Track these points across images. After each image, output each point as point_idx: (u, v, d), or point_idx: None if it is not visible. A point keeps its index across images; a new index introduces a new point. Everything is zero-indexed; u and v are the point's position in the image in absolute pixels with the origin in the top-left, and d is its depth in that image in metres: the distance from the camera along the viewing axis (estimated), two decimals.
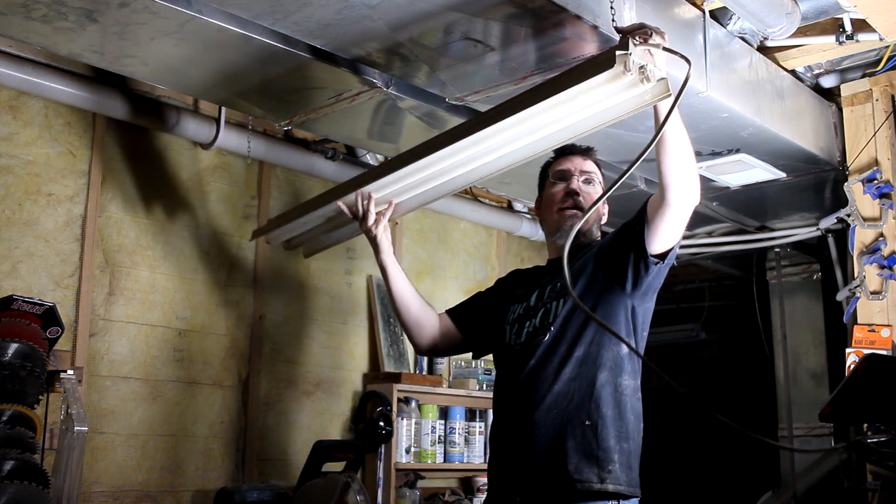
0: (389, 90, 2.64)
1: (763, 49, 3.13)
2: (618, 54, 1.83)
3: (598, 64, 1.90)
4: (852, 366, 3.16)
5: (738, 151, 3.24)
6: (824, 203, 3.90)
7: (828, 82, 3.51)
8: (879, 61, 3.33)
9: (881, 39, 2.99)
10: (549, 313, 2.18)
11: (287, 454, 3.45)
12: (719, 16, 2.88)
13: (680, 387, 1.56)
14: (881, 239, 3.33)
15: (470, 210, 4.21)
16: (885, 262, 3.29)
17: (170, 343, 3.15)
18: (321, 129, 3.08)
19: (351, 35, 2.30)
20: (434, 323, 2.45)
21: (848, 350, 3.27)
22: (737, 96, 2.88)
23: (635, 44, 1.82)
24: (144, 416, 3.05)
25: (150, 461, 3.05)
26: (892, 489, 2.69)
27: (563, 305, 2.16)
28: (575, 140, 2.18)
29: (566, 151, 2.34)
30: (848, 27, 3.04)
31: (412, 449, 3.70)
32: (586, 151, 2.35)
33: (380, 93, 2.65)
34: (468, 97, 2.68)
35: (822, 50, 3.17)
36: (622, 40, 1.86)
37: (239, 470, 3.28)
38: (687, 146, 1.96)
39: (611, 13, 2.18)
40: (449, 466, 3.86)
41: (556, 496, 2.04)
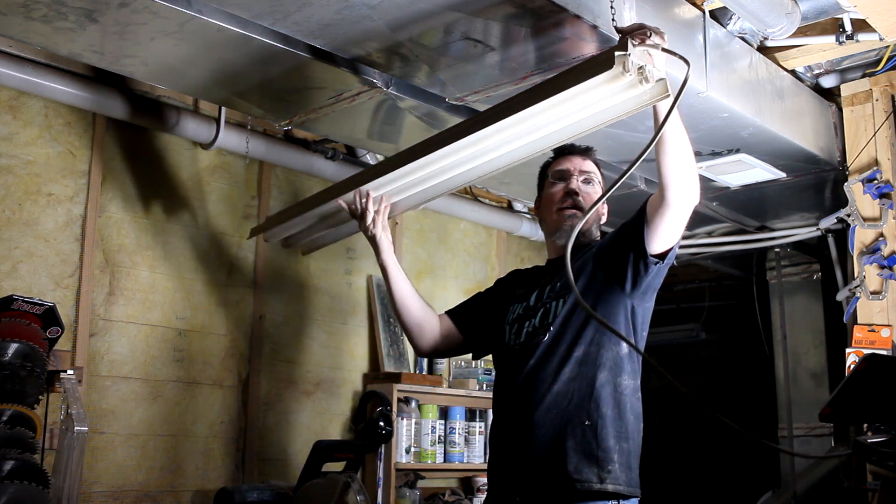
0: (389, 90, 2.64)
1: (763, 49, 3.13)
2: (617, 55, 1.83)
3: (597, 64, 1.90)
4: (852, 366, 3.16)
5: (738, 151, 3.24)
6: (824, 203, 3.90)
7: (828, 82, 3.51)
8: (879, 61, 3.33)
9: (881, 39, 2.99)
10: (549, 313, 2.18)
11: (287, 454, 3.45)
12: (719, 16, 2.88)
13: (680, 386, 1.56)
14: (881, 239, 3.33)
15: (470, 210, 4.21)
16: (885, 262, 3.29)
17: (170, 343, 3.15)
18: (321, 129, 3.08)
19: (351, 35, 2.30)
20: (435, 325, 2.44)
21: (848, 350, 3.27)
22: (737, 96, 2.88)
23: (634, 44, 1.82)
24: (144, 416, 3.05)
25: (150, 461, 3.05)
26: (892, 489, 2.68)
27: (563, 305, 2.16)
28: (574, 140, 2.18)
29: (565, 151, 2.33)
30: (848, 27, 3.04)
31: (412, 449, 3.70)
32: (585, 151, 2.35)
33: (380, 93, 2.65)
34: (468, 97, 2.68)
35: (822, 50, 3.17)
36: (621, 41, 1.86)
37: (239, 470, 3.28)
38: (686, 146, 1.96)
39: (611, 13, 2.18)
40: (449, 466, 3.86)
41: (556, 496, 2.04)
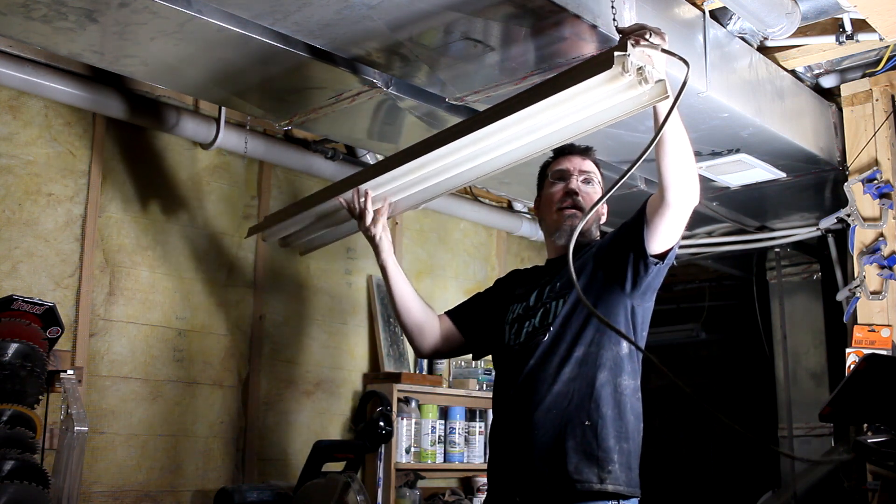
0: (389, 90, 2.64)
1: (763, 49, 3.13)
2: (616, 55, 1.83)
3: (597, 65, 1.90)
4: (852, 366, 3.16)
5: (738, 151, 3.24)
6: (824, 203, 3.90)
7: (828, 82, 3.51)
8: (879, 61, 3.33)
9: (881, 39, 2.99)
10: (549, 313, 2.17)
11: (287, 454, 3.45)
12: (719, 16, 2.88)
13: (683, 386, 1.56)
14: (881, 239, 3.33)
15: (470, 210, 4.20)
16: (885, 262, 3.29)
17: (170, 343, 3.15)
18: (321, 129, 3.08)
19: (351, 35, 2.30)
20: (435, 326, 2.43)
21: (848, 350, 3.27)
22: (737, 96, 2.88)
23: (633, 45, 1.82)
24: (144, 416, 3.05)
25: (150, 461, 3.05)
26: (892, 489, 2.68)
27: (563, 305, 2.16)
28: (574, 140, 2.17)
29: (565, 151, 2.33)
30: (848, 27, 3.04)
31: (412, 449, 3.70)
32: (585, 151, 2.35)
33: (380, 93, 2.65)
34: (468, 97, 2.68)
35: (822, 50, 3.17)
36: (621, 41, 1.86)
37: (239, 470, 3.28)
38: (686, 147, 1.96)
39: (612, 13, 2.18)
40: (449, 466, 3.86)
41: (556, 496, 2.04)
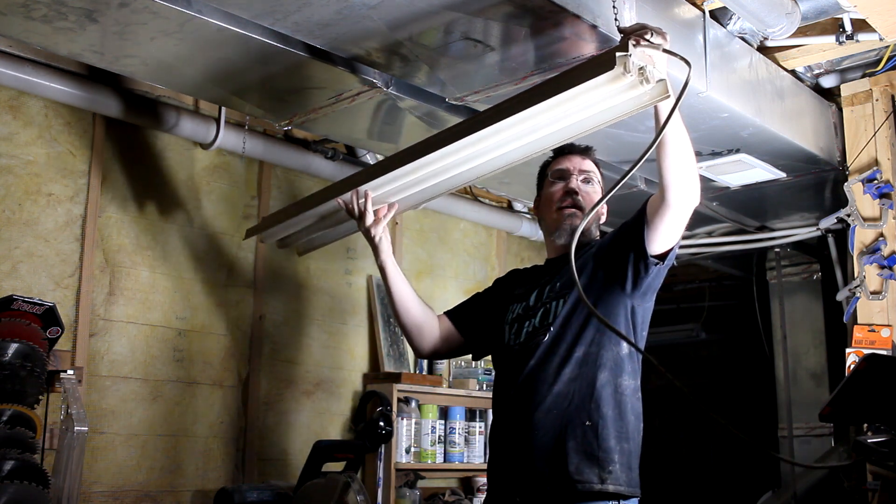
0: (389, 90, 2.64)
1: (763, 49, 3.13)
2: (617, 56, 1.83)
3: (598, 65, 1.89)
4: (852, 366, 3.16)
5: (738, 151, 3.24)
6: (824, 203, 3.90)
7: (828, 82, 3.51)
8: (879, 61, 3.33)
9: (881, 39, 2.99)
10: (549, 313, 2.17)
11: (287, 454, 3.45)
12: (719, 16, 2.88)
13: (682, 387, 1.56)
14: (881, 239, 3.33)
15: (470, 210, 4.20)
16: (885, 262, 3.29)
17: (170, 343, 3.15)
18: (321, 129, 3.08)
19: (351, 35, 2.29)
20: (434, 326, 2.42)
21: (848, 350, 3.27)
22: (737, 96, 2.88)
23: (634, 45, 1.82)
24: (144, 416, 3.05)
25: (150, 461, 3.05)
26: (892, 489, 2.68)
27: (563, 305, 2.15)
28: (574, 140, 2.17)
29: (565, 151, 2.33)
30: (848, 27, 3.04)
31: (412, 449, 3.70)
32: (585, 151, 2.35)
33: (380, 93, 2.65)
34: (468, 97, 2.68)
35: (822, 50, 3.17)
36: (622, 41, 1.85)
37: (239, 470, 3.28)
38: (687, 147, 1.96)
39: (613, 13, 2.18)
40: (449, 466, 3.86)
41: (557, 496, 2.04)
